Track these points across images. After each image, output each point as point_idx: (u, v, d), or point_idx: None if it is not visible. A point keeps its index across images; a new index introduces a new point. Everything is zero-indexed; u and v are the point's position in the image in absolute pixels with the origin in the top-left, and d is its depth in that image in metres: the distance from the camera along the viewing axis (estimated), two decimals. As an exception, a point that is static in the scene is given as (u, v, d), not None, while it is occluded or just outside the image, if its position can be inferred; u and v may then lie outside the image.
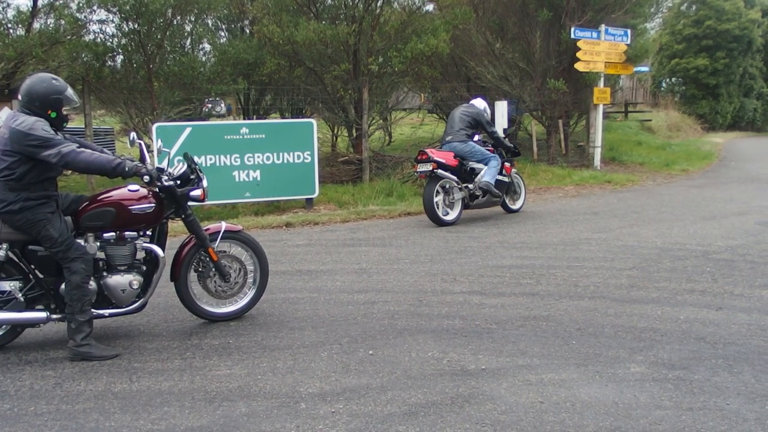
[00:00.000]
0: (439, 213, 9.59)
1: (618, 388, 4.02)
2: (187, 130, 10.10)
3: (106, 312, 4.93)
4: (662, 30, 37.62)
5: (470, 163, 9.85)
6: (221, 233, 5.36)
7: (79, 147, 4.63)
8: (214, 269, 5.37)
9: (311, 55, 14.51)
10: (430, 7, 16.71)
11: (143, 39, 12.47)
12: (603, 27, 16.19)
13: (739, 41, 36.57)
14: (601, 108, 17.06)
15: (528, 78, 17.20)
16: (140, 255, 5.04)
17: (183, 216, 5.19)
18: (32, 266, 4.74)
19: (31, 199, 4.52)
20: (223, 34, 17.74)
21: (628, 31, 16.87)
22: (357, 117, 14.33)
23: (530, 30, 16.90)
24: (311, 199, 11.15)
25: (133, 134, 5.41)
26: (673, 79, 39.67)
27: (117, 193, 4.95)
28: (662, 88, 39.94)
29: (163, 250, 5.11)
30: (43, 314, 4.74)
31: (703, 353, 4.60)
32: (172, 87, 13.13)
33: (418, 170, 9.79)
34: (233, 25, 17.93)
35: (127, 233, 4.93)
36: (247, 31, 17.35)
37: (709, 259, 7.49)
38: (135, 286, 4.93)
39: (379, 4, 14.66)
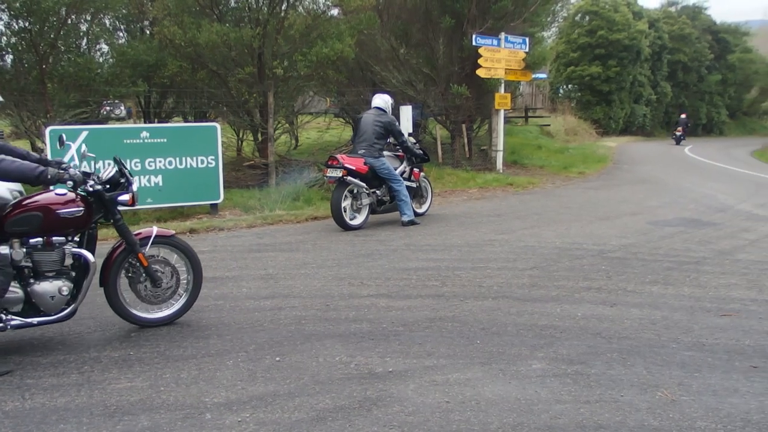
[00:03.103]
0: (346, 217, 9.60)
1: (520, 384, 4.14)
2: (84, 134, 9.73)
3: (35, 320, 4.75)
4: (559, 39, 38.93)
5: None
6: (152, 238, 5.27)
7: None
8: (144, 274, 5.26)
9: (215, 58, 14.29)
10: (335, 11, 16.74)
11: (35, 38, 11.97)
12: (503, 35, 16.61)
13: (629, 50, 38.28)
14: (502, 113, 17.48)
15: (432, 83, 17.46)
16: (68, 261, 4.88)
17: (112, 220, 5.09)
18: None
19: None
20: (121, 34, 17.20)
21: (527, 39, 17.36)
22: (262, 121, 14.21)
23: (434, 36, 17.17)
24: (216, 204, 10.96)
25: (62, 135, 5.30)
26: (570, 86, 41.13)
27: (43, 197, 4.78)
28: (560, 94, 41.31)
29: (93, 255, 4.95)
30: None
31: (599, 348, 4.79)
32: (67, 89, 12.66)
33: (327, 175, 9.76)
34: (132, 26, 17.42)
35: (54, 238, 4.76)
36: (148, 32, 16.92)
37: (604, 257, 7.79)
38: (65, 293, 4.78)
39: (283, 7, 14.60)
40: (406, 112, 14.13)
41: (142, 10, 16.18)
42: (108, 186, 5.02)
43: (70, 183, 4.69)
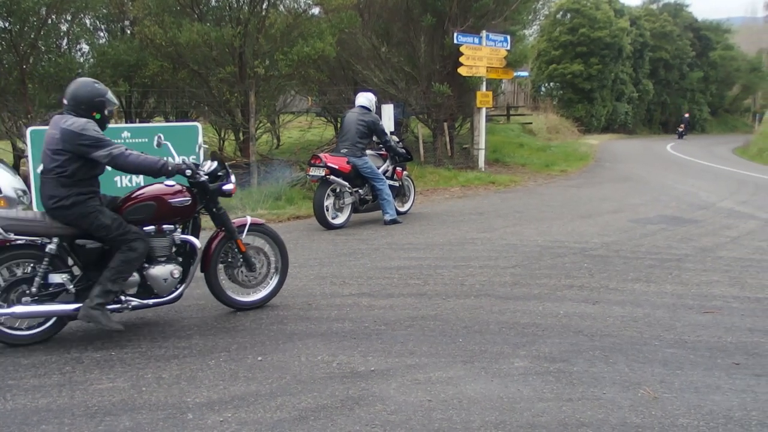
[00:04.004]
0: (329, 216, 9.59)
1: (503, 382, 4.14)
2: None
3: (150, 301, 5.19)
4: (540, 37, 39.09)
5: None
6: (248, 226, 5.69)
7: (126, 149, 4.87)
8: (241, 260, 5.69)
9: (195, 58, 14.22)
10: (316, 10, 16.70)
11: (15, 38, 11.87)
12: (484, 33, 16.64)
13: (611, 48, 38.52)
14: (484, 111, 17.52)
15: (414, 82, 17.46)
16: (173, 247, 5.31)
17: (214, 209, 5.50)
18: (78, 259, 4.96)
19: (82, 194, 4.78)
20: (102, 34, 17.08)
21: (508, 38, 17.40)
22: (244, 120, 14.16)
23: (415, 35, 17.16)
24: (197, 204, 10.89)
25: (160, 135, 5.74)
26: (552, 84, 41.33)
27: (155, 189, 5.21)
28: (541, 92, 41.49)
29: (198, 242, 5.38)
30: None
31: (582, 346, 4.81)
32: (47, 89, 12.56)
33: (310, 174, 9.75)
34: (113, 26, 17.30)
35: (165, 226, 5.19)
36: (128, 32, 16.81)
37: (586, 255, 7.82)
38: (176, 275, 5.21)
39: (264, 6, 14.55)
40: (388, 111, 14.12)
41: (122, 9, 16.06)
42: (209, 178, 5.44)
43: (188, 172, 5.15)
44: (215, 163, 5.53)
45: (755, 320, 5.43)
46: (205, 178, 5.33)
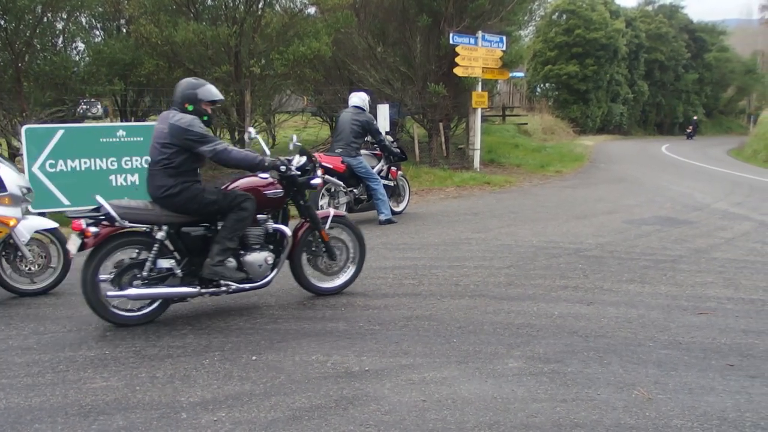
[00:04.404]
0: (323, 216, 9.58)
1: (497, 383, 4.14)
2: (60, 133, 9.63)
3: (246, 286, 5.56)
4: (536, 37, 39.14)
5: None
6: (330, 218, 6.12)
7: (228, 146, 5.40)
8: (324, 249, 6.09)
9: (191, 57, 14.20)
10: (312, 10, 16.70)
11: (10, 36, 11.82)
12: (480, 33, 16.65)
13: (606, 49, 38.57)
14: (479, 112, 17.53)
15: (409, 82, 17.46)
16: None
17: (301, 201, 5.92)
18: (184, 246, 5.36)
19: (187, 182, 5.27)
20: (98, 33, 17.04)
21: (504, 38, 17.41)
22: (239, 119, 14.15)
23: (411, 35, 17.17)
24: (192, 203, 10.87)
25: (252, 130, 6.39)
26: (547, 85, 41.36)
27: (250, 181, 5.67)
28: (537, 93, 41.53)
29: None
30: (195, 289, 5.36)
31: (576, 346, 4.81)
32: (43, 87, 12.53)
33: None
34: (109, 24, 17.26)
35: (259, 216, 5.61)
36: (124, 31, 16.78)
37: (581, 256, 7.83)
38: (269, 262, 5.62)
39: (260, 5, 14.54)
40: (383, 111, 14.12)
41: (118, 8, 16.04)
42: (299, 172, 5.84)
43: (283, 168, 5.57)
44: (304, 158, 5.96)
45: (749, 321, 5.44)
46: (296, 172, 5.74)
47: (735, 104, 59.09)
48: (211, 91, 5.44)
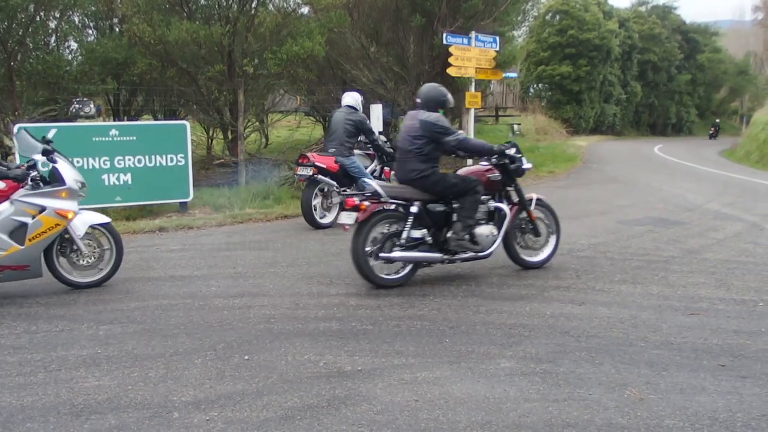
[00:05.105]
0: (316, 216, 9.58)
1: (489, 383, 4.15)
2: (52, 132, 9.57)
3: (480, 254, 6.63)
4: (529, 38, 39.12)
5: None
6: (535, 200, 7.15)
7: (465, 136, 6.84)
8: (531, 227, 7.13)
9: (184, 56, 14.17)
10: (305, 9, 16.69)
11: (3, 35, 11.79)
12: (473, 34, 16.62)
13: (599, 50, 38.62)
14: (472, 112, 17.52)
15: (402, 82, 17.44)
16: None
17: (513, 185, 7.04)
18: (430, 219, 6.46)
19: (434, 167, 6.48)
20: (90, 32, 17.00)
21: (497, 38, 17.40)
22: (232, 119, 14.13)
23: (404, 35, 17.15)
24: (185, 202, 10.87)
25: (517, 126, 7.72)
26: (540, 85, 41.39)
27: (475, 168, 6.95)
28: (530, 94, 41.56)
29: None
30: (439, 255, 6.49)
31: (568, 347, 4.82)
32: (35, 86, 12.51)
33: (298, 173, 9.75)
34: (101, 23, 17.22)
35: (483, 197, 6.65)
36: (117, 30, 16.73)
37: (574, 256, 7.85)
38: (495, 234, 6.68)
39: (253, 5, 14.53)
40: (377, 111, 14.09)
41: (111, 7, 16.00)
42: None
43: (509, 152, 6.84)
44: (514, 148, 6.94)
45: (741, 322, 5.46)
46: (506, 161, 6.86)
47: (727, 105, 59.18)
48: (451, 101, 6.72)
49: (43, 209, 5.99)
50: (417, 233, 6.37)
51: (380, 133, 11.24)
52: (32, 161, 6.18)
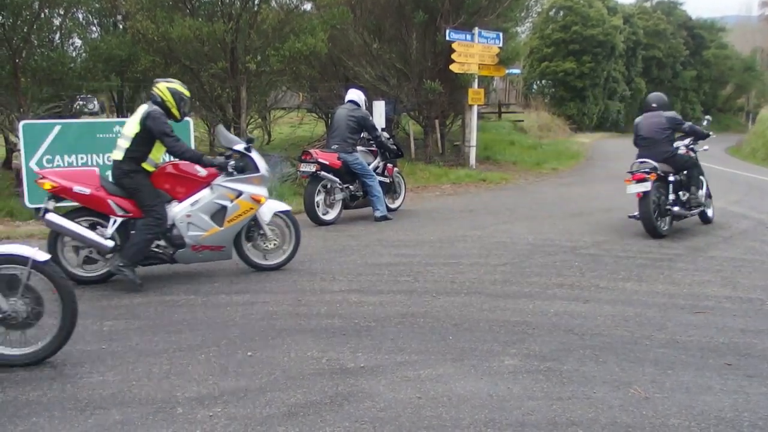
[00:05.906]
0: (319, 212, 9.56)
1: (492, 381, 4.14)
2: (57, 128, 9.61)
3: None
4: (532, 34, 39.03)
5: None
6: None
7: (690, 124, 9.42)
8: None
9: (187, 53, 14.15)
10: (308, 6, 16.65)
11: (8, 32, 11.77)
12: (476, 30, 16.61)
13: (603, 46, 38.48)
14: (475, 108, 17.51)
15: (405, 78, 17.43)
16: None
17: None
18: None
19: (677, 149, 9.20)
20: (94, 29, 16.98)
21: (500, 35, 17.38)
22: (235, 116, 14.11)
23: (407, 31, 17.14)
24: (188, 199, 10.83)
25: (707, 117, 9.77)
26: (543, 82, 41.26)
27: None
28: (533, 90, 41.45)
29: None
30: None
31: (572, 344, 4.80)
32: (40, 83, 12.50)
33: (301, 170, 9.76)
34: (105, 20, 17.20)
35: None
36: (120, 27, 16.72)
37: (577, 254, 7.83)
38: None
39: (256, 2, 14.48)
40: (379, 108, 14.10)
41: (114, 4, 15.96)
42: None
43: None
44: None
45: (747, 321, 5.43)
46: None
47: (733, 102, 58.92)
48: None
49: (240, 194, 6.59)
50: (683, 196, 9.02)
51: (383, 129, 11.23)
52: (229, 152, 6.78)
